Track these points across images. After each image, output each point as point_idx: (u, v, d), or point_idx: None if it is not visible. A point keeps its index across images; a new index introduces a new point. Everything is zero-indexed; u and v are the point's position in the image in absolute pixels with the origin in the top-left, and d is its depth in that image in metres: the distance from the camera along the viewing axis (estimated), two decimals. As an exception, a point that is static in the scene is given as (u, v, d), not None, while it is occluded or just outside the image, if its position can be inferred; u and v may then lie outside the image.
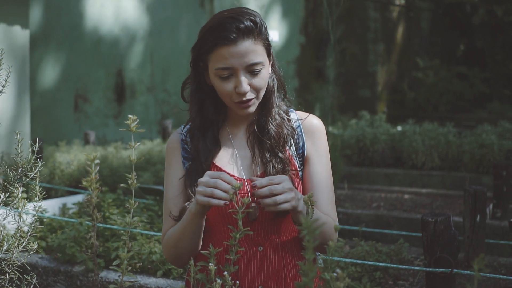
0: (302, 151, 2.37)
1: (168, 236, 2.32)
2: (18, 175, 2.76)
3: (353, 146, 8.72)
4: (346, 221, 6.39)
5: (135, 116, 2.30)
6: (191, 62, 2.31)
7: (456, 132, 8.59)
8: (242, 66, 2.17)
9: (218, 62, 2.18)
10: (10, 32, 8.24)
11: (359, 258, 4.41)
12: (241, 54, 2.16)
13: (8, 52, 8.19)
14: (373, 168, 8.58)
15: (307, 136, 2.39)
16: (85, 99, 10.65)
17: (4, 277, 2.62)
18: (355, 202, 7.04)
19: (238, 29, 2.15)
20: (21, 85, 8.39)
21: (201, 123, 2.32)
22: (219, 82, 2.22)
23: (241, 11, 2.23)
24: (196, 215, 2.18)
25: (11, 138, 8.08)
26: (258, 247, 2.29)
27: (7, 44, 8.20)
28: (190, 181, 2.30)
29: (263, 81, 2.23)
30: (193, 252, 2.28)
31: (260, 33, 2.20)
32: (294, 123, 2.39)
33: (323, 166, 2.39)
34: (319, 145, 2.40)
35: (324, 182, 2.38)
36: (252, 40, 2.17)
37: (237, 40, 2.15)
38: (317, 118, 2.44)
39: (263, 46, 2.22)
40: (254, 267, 2.28)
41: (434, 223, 3.75)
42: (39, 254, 4.95)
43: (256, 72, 2.20)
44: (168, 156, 2.42)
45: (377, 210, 6.64)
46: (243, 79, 2.19)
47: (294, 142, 2.36)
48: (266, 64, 2.24)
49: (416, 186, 8.00)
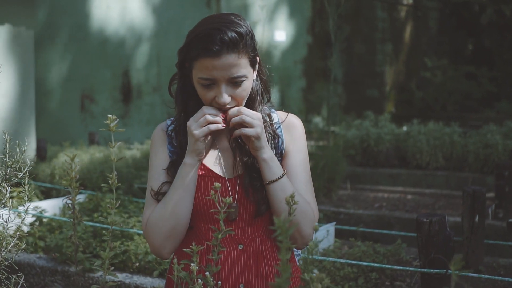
0: (281, 150, 2.40)
1: (156, 213, 2.30)
2: (6, 175, 2.77)
3: (357, 146, 8.69)
4: (348, 221, 6.37)
5: (114, 116, 2.31)
6: (177, 64, 2.33)
7: (461, 132, 8.54)
8: (224, 79, 2.19)
9: (201, 72, 2.20)
10: (15, 33, 8.27)
11: (356, 258, 4.40)
12: (224, 67, 2.17)
13: (13, 52, 8.22)
14: (377, 168, 8.55)
15: (286, 133, 2.42)
16: (91, 100, 10.67)
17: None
18: (358, 203, 7.02)
19: (222, 42, 2.15)
20: (26, 85, 8.42)
21: (186, 122, 2.32)
22: (200, 89, 2.25)
23: (229, 20, 2.23)
24: (191, 165, 2.24)
25: (16, 138, 8.10)
26: (238, 245, 2.31)
27: (12, 44, 8.23)
28: (173, 173, 2.32)
29: (245, 92, 2.26)
30: (185, 223, 2.28)
31: (245, 46, 2.21)
32: (275, 124, 2.42)
33: (300, 160, 2.41)
34: (296, 140, 2.42)
35: (301, 173, 2.39)
36: (236, 54, 2.18)
37: (221, 53, 2.15)
38: (295, 117, 2.49)
39: (247, 58, 2.23)
40: (234, 265, 2.30)
41: (428, 224, 3.73)
42: (37, 254, 4.97)
43: (238, 84, 2.22)
44: (153, 147, 2.43)
45: (379, 211, 6.62)
46: (224, 90, 2.21)
47: (274, 144, 2.39)
48: (249, 75, 2.26)
49: (420, 186, 7.96)
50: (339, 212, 6.51)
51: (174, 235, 2.28)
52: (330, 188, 7.07)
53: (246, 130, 2.18)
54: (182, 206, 2.25)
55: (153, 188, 2.34)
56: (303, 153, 2.42)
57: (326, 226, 5.00)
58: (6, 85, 8.12)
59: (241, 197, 2.31)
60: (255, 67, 2.31)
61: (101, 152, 7.78)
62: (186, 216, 2.27)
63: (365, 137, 8.64)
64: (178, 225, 2.26)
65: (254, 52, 2.27)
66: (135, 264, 4.59)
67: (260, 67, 2.38)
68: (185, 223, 2.28)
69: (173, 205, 2.25)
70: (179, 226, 2.27)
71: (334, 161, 6.99)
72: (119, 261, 4.59)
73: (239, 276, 2.30)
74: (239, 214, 2.31)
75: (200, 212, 2.29)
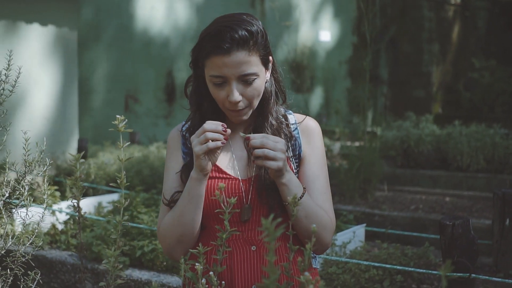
0: (299, 153, 2.39)
1: (166, 219, 2.34)
2: (25, 173, 2.82)
3: (397, 147, 8.61)
4: (382, 223, 6.32)
5: (123, 116, 2.35)
6: (190, 63, 2.35)
7: (503, 133, 8.39)
8: (235, 76, 2.20)
9: (212, 70, 2.22)
10: (59, 33, 8.41)
11: (381, 261, 4.37)
12: (234, 64, 2.18)
13: (56, 52, 8.36)
14: (418, 169, 8.46)
15: (304, 137, 2.41)
16: (135, 100, 10.81)
17: (9, 273, 2.68)
18: (394, 204, 6.96)
19: (232, 39, 2.17)
20: (69, 85, 8.55)
21: (200, 122, 2.34)
22: (212, 88, 2.26)
23: (240, 19, 2.25)
24: (197, 179, 2.22)
25: (59, 138, 8.24)
26: (252, 247, 2.31)
27: (56, 45, 8.37)
28: (186, 176, 2.33)
29: (256, 91, 2.26)
30: (192, 232, 2.30)
31: (256, 43, 2.22)
32: (291, 125, 2.41)
33: (318, 166, 2.40)
34: (314, 145, 2.41)
35: (319, 181, 2.38)
36: (246, 51, 2.19)
37: (231, 50, 2.17)
38: (313, 120, 2.47)
39: (258, 56, 2.24)
40: (247, 267, 2.30)
41: (451, 227, 3.68)
42: (69, 252, 5.06)
43: (249, 82, 2.23)
44: (168, 150, 2.47)
45: (414, 213, 6.54)
46: (235, 88, 2.22)
47: (290, 145, 2.38)
48: (261, 73, 2.27)
49: (460, 189, 7.84)
50: (373, 214, 6.47)
51: (183, 241, 2.31)
52: (366, 189, 7.02)
53: (269, 164, 2.14)
54: (189, 217, 2.27)
55: (165, 195, 2.38)
56: (321, 159, 2.41)
57: (355, 228, 4.98)
58: (49, 85, 8.26)
59: (255, 199, 2.31)
60: (267, 66, 2.32)
61: (140, 152, 7.87)
62: (193, 226, 2.29)
63: (405, 138, 8.56)
64: (186, 233, 2.29)
65: (266, 51, 2.28)
66: (163, 263, 4.63)
67: (274, 68, 2.39)
68: (193, 231, 2.30)
69: (180, 215, 2.28)
70: (187, 234, 2.30)
71: (371, 162, 6.94)
72: (148, 259, 4.64)
73: (252, 277, 2.30)
74: (253, 215, 2.31)
75: (212, 212, 2.30)
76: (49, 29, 8.25)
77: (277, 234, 1.63)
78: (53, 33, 8.32)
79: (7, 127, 2.80)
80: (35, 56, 8.20)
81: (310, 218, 2.25)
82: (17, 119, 8.00)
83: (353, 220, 5.65)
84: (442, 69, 15.19)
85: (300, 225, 2.26)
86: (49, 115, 8.20)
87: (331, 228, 2.34)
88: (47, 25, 8.25)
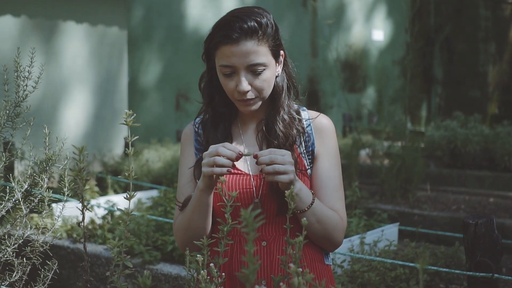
0: (312, 150, 2.40)
1: (179, 220, 2.39)
2: (45, 167, 2.89)
3: (444, 147, 8.51)
4: (421, 223, 6.27)
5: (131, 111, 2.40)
6: (202, 55, 2.38)
7: (553, 134, 8.22)
8: (243, 66, 2.22)
9: (221, 60, 2.24)
10: (108, 33, 8.57)
11: (408, 260, 4.34)
12: (242, 54, 2.20)
13: (106, 51, 8.52)
14: (464, 170, 8.35)
15: (317, 135, 2.41)
16: (186, 99, 10.92)
17: (26, 262, 2.75)
18: (436, 204, 6.88)
19: (241, 29, 2.19)
20: (118, 83, 8.71)
21: (213, 115, 2.38)
22: (222, 79, 2.29)
23: (250, 10, 2.27)
24: (203, 190, 2.23)
25: (106, 135, 8.40)
26: (262, 242, 2.33)
27: (105, 44, 8.54)
28: (199, 172, 2.36)
29: (265, 82, 2.27)
30: (202, 235, 2.29)
31: (265, 35, 2.23)
32: (304, 122, 2.42)
33: (331, 164, 2.40)
34: (328, 143, 2.42)
35: (332, 179, 2.38)
36: (255, 41, 2.21)
37: (239, 40, 2.19)
38: (326, 118, 2.47)
39: (267, 47, 2.25)
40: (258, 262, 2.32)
41: (474, 226, 3.63)
42: (104, 246, 5.16)
43: (258, 73, 2.24)
44: (182, 146, 2.51)
45: (455, 213, 6.46)
46: (243, 78, 2.23)
47: (304, 141, 2.39)
48: (270, 65, 2.28)
49: (506, 190, 7.71)
50: (413, 213, 6.41)
51: (194, 240, 2.36)
52: (407, 189, 6.96)
53: (281, 178, 2.14)
54: (197, 224, 2.31)
55: (178, 195, 2.43)
56: (334, 157, 2.42)
57: (387, 227, 4.96)
58: (98, 83, 8.44)
59: (265, 194, 2.32)
60: (278, 59, 2.33)
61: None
62: (202, 231, 2.33)
63: (452, 138, 8.45)
64: (196, 237, 2.30)
65: (276, 43, 2.29)
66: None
67: (286, 62, 2.40)
68: (203, 235, 2.32)
69: (188, 222, 2.33)
70: (197, 237, 2.32)
71: (412, 161, 6.88)
72: (179, 254, 4.71)
73: (263, 272, 2.31)
74: (263, 211, 2.32)
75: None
76: (98, 29, 8.42)
77: (256, 225, 1.65)
78: (102, 33, 8.49)
79: (30, 122, 2.87)
80: (85, 55, 8.38)
81: (321, 222, 2.28)
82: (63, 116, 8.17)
83: (387, 219, 5.61)
84: (499, 69, 14.92)
85: (312, 229, 2.28)
86: (98, 113, 8.37)
87: (342, 228, 2.35)
88: (97, 25, 8.43)
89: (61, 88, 8.14)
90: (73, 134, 8.05)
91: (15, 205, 2.72)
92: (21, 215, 2.77)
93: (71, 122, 8.11)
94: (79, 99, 8.31)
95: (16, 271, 2.67)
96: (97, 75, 8.49)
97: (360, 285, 4.09)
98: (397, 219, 6.13)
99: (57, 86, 8.10)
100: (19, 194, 2.77)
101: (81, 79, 8.34)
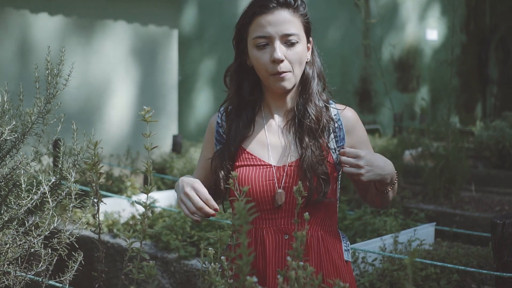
0: (342, 145, 2.43)
1: None
2: (72, 162, 3.00)
3: (492, 148, 8.41)
4: (463, 223, 6.20)
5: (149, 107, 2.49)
6: (233, 39, 2.45)
7: None
8: (278, 35, 2.29)
9: (256, 31, 2.32)
10: (159, 32, 8.71)
11: (439, 259, 4.33)
12: (278, 22, 2.29)
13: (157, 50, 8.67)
14: (513, 171, 8.25)
15: (347, 132, 2.45)
16: (237, 97, 11.00)
17: (53, 253, 2.86)
18: (480, 205, 6.81)
19: (277, 1, 2.30)
20: (169, 82, 8.85)
21: (238, 103, 2.45)
22: (256, 53, 2.34)
23: None
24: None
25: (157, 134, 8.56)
26: (284, 235, 2.35)
27: (156, 43, 8.69)
28: (216, 164, 2.43)
29: (297, 55, 2.33)
30: None
31: (298, 10, 2.34)
32: (334, 115, 2.44)
33: (369, 149, 2.48)
34: (359, 135, 2.49)
35: None
36: (290, 11, 2.32)
37: (275, 9, 2.30)
38: (351, 110, 2.50)
39: (300, 21, 2.35)
40: (280, 255, 2.35)
41: (502, 226, 3.61)
42: (144, 241, 5.28)
43: (291, 43, 2.31)
44: (205, 134, 2.59)
45: (497, 214, 6.38)
46: (278, 47, 2.29)
47: (334, 134, 2.43)
48: (302, 39, 2.35)
49: (555, 191, 7.58)
50: (454, 214, 6.36)
51: None
52: (450, 189, 6.90)
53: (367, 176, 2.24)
54: None
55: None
56: (369, 145, 2.52)
57: (422, 226, 4.94)
58: (149, 82, 8.59)
59: (288, 186, 2.34)
60: (309, 38, 2.42)
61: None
62: None
63: (500, 138, 8.34)
64: None
65: (308, 21, 2.40)
66: (228, 254, 4.76)
67: (314, 52, 2.47)
68: None
69: None
70: None
71: (456, 161, 6.82)
72: (213, 250, 4.79)
73: (282, 266, 2.32)
74: (285, 203, 2.34)
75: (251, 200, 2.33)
76: (148, 28, 8.57)
77: (249, 219, 1.70)
78: (153, 32, 8.63)
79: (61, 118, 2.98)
80: (134, 55, 8.54)
81: (393, 190, 2.45)
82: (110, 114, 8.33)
83: (424, 219, 5.59)
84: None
85: (388, 199, 2.45)
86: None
87: None
88: (147, 25, 8.58)
89: (108, 86, 8.33)
90: (119, 132, 8.25)
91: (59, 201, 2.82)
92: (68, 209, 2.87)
93: (115, 120, 8.29)
94: (127, 97, 8.48)
95: (69, 266, 2.78)
96: (146, 75, 8.65)
97: (389, 284, 4.10)
98: (436, 219, 6.08)
99: (105, 85, 8.28)
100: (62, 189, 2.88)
101: (130, 79, 8.50)
